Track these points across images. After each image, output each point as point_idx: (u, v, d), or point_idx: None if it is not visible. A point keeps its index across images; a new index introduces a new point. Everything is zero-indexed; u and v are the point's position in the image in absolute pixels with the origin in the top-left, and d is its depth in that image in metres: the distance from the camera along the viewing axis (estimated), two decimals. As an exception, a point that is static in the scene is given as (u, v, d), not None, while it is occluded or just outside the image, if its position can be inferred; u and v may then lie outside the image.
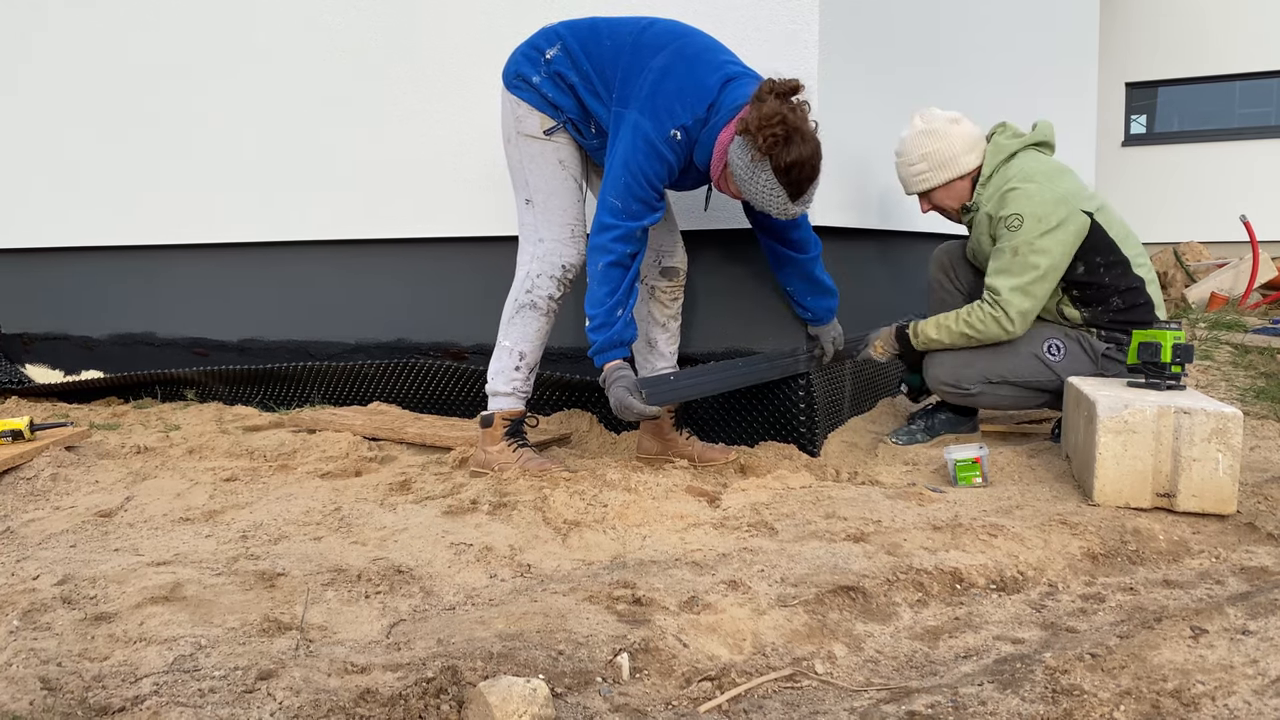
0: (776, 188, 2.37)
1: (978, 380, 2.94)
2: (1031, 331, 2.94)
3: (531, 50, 2.62)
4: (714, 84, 2.44)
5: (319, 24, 3.72)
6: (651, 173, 2.45)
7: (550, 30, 2.63)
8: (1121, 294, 2.88)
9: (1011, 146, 2.92)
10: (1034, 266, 2.78)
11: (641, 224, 2.49)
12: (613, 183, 2.46)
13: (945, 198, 3.02)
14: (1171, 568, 2.05)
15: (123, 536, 2.29)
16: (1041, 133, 2.97)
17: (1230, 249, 8.68)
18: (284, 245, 3.94)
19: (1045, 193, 2.79)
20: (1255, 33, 10.07)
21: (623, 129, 2.47)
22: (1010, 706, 1.38)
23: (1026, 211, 2.78)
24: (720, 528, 2.27)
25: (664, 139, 2.43)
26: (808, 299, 2.88)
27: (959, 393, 2.98)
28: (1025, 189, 2.81)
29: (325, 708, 1.36)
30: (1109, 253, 2.86)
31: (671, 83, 2.43)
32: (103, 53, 4.23)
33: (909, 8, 3.62)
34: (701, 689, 1.50)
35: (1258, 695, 1.43)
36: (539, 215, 2.67)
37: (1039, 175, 2.84)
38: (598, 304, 2.49)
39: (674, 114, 2.43)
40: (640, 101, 2.44)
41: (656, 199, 2.50)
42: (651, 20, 2.58)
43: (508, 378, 2.72)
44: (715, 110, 2.44)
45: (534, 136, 2.62)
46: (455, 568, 2.01)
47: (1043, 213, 2.77)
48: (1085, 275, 2.87)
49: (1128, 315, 2.89)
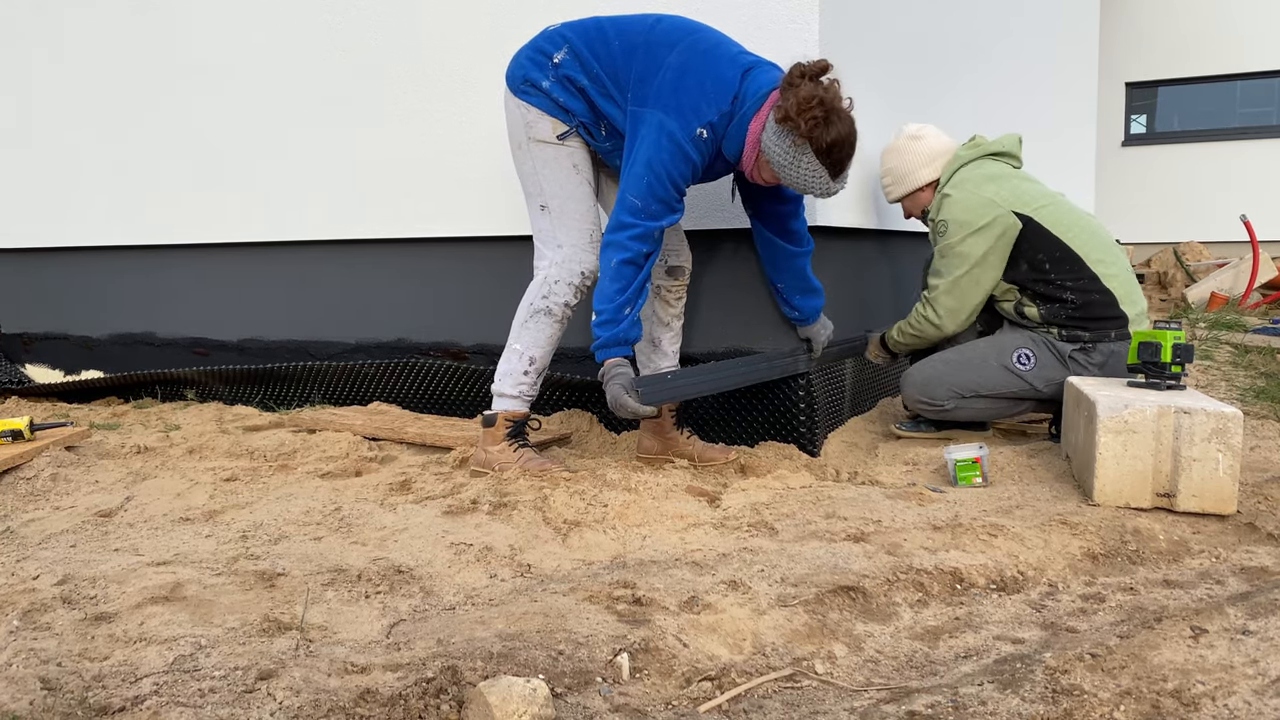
0: (819, 169, 2.39)
1: (948, 396, 3.03)
2: (1000, 343, 3.05)
3: (537, 54, 2.59)
4: (734, 76, 2.43)
5: (319, 23, 3.72)
6: (676, 172, 2.43)
7: (554, 32, 2.60)
8: (1074, 290, 2.94)
9: (966, 157, 3.08)
10: (957, 267, 2.97)
11: (660, 224, 2.47)
12: (634, 182, 2.44)
13: (912, 207, 3.25)
14: (1171, 568, 2.05)
15: (123, 536, 2.29)
16: (1001, 143, 3.11)
17: (1230, 249, 8.68)
18: (284, 245, 3.94)
19: (970, 198, 2.96)
20: (1255, 33, 10.07)
21: (644, 128, 2.44)
22: (1010, 706, 1.38)
23: (951, 217, 2.97)
24: (720, 528, 2.27)
25: (690, 138, 2.41)
26: (796, 297, 2.87)
27: (933, 408, 3.07)
28: (953, 195, 2.99)
29: (325, 708, 1.36)
30: (1053, 249, 2.94)
31: (693, 79, 2.42)
32: (103, 52, 4.23)
33: (909, 8, 3.62)
34: (701, 689, 1.50)
35: (1258, 695, 1.43)
36: (556, 221, 2.64)
37: (969, 182, 3.00)
38: (607, 300, 2.48)
39: (699, 111, 2.41)
40: (663, 100, 2.42)
41: (677, 199, 2.49)
42: (659, 17, 2.56)
43: (515, 381, 2.71)
44: (740, 102, 2.43)
45: (546, 142, 2.59)
46: (455, 568, 2.01)
47: (966, 217, 2.94)
48: (1031, 273, 2.98)
49: (1085, 312, 2.95)
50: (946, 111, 3.93)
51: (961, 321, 3.04)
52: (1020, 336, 3.04)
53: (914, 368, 3.13)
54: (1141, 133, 10.88)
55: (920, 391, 3.07)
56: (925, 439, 3.18)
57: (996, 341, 3.08)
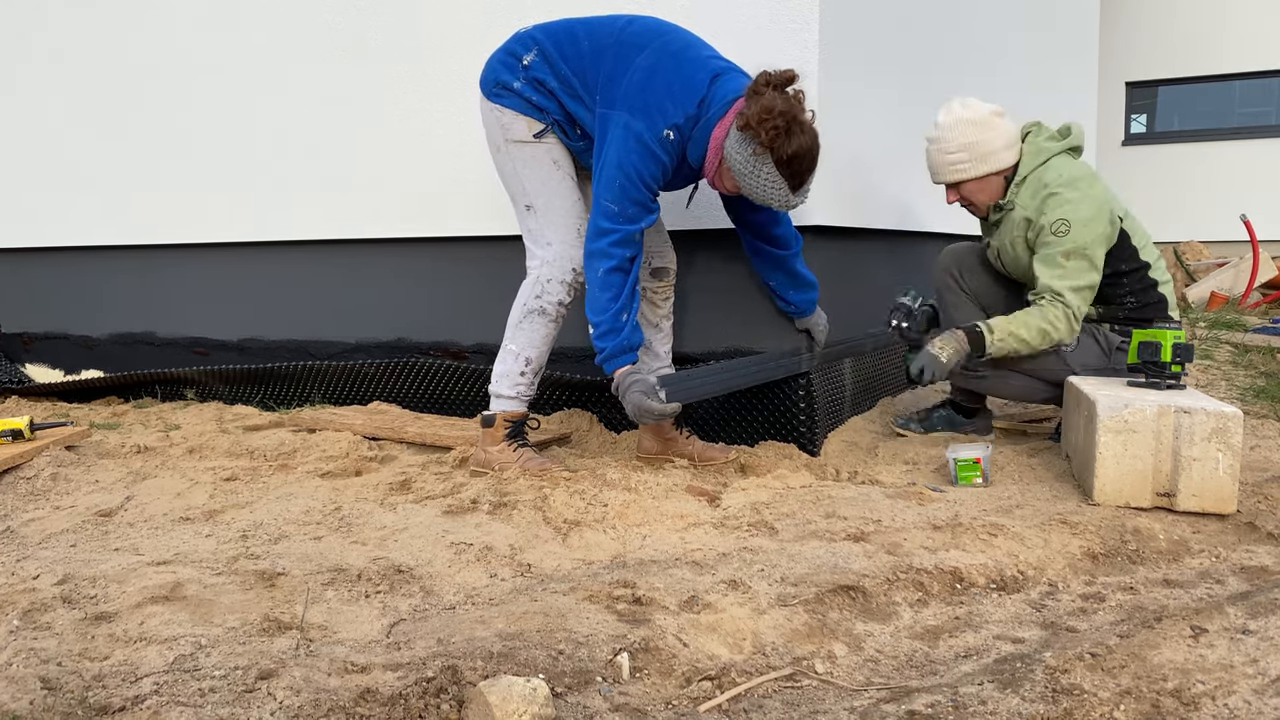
0: (779, 180, 2.37)
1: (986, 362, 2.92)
2: None
3: (508, 56, 2.60)
4: (703, 80, 2.43)
5: (319, 23, 3.72)
6: (646, 173, 2.43)
7: (526, 35, 2.60)
8: (1137, 294, 2.93)
9: (1050, 150, 2.90)
10: (1085, 274, 2.80)
11: (638, 226, 2.48)
12: (607, 185, 2.44)
13: (978, 192, 2.94)
14: (1171, 567, 2.05)
15: (123, 536, 2.29)
16: (1076, 138, 2.96)
17: (1230, 248, 8.68)
18: (284, 245, 3.94)
19: (1092, 200, 2.81)
20: (1255, 32, 10.07)
21: (613, 130, 2.44)
22: (1010, 706, 1.38)
23: (1073, 217, 2.78)
24: (720, 527, 2.27)
25: (657, 139, 2.41)
26: (789, 293, 2.87)
27: (966, 372, 2.97)
28: (1069, 195, 2.80)
29: (325, 707, 1.36)
30: (1131, 259, 2.91)
31: (660, 81, 2.42)
32: (103, 52, 4.22)
33: (909, 8, 3.62)
34: (701, 688, 1.50)
35: (1258, 695, 1.43)
36: (543, 219, 2.65)
37: (1080, 182, 2.83)
38: (601, 310, 2.48)
39: (666, 113, 2.41)
40: (630, 102, 2.42)
41: (651, 200, 2.49)
42: (631, 18, 2.56)
43: (512, 381, 2.71)
44: (707, 106, 2.42)
45: (524, 141, 2.60)
46: (455, 567, 2.01)
47: (1088, 218, 2.78)
48: (1108, 278, 2.90)
49: (1141, 313, 2.93)
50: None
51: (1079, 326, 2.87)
52: None
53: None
54: (1141, 132, 10.88)
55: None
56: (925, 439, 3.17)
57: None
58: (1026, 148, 2.93)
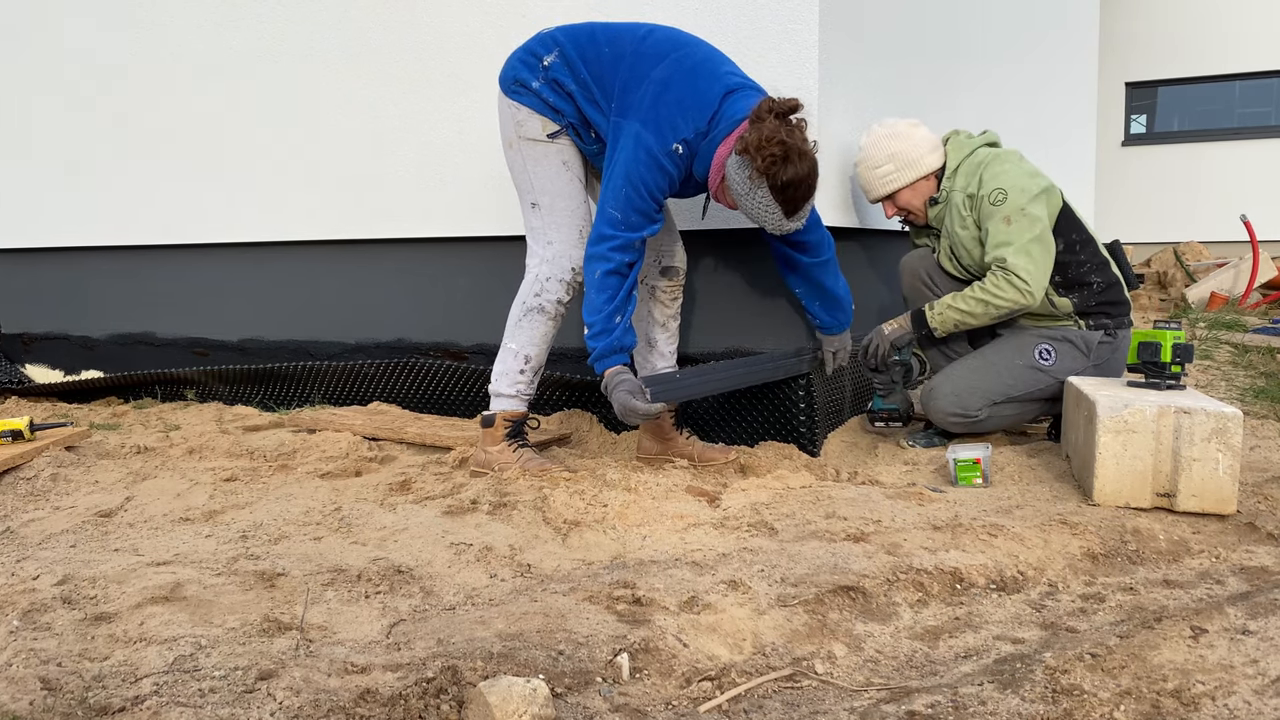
0: (773, 205, 2.41)
1: (983, 404, 2.95)
2: (1015, 343, 2.99)
3: (529, 56, 2.61)
4: (715, 96, 2.45)
5: (318, 23, 3.72)
6: (653, 185, 2.46)
7: (548, 35, 2.62)
8: (1097, 272, 2.96)
9: (974, 143, 3.04)
10: (1029, 228, 2.85)
11: (640, 235, 2.49)
12: (613, 194, 2.47)
13: (913, 198, 3.05)
14: (1171, 568, 2.05)
15: (123, 536, 2.29)
16: (992, 136, 3.10)
17: (1230, 249, 8.68)
18: (284, 245, 3.94)
19: (1020, 167, 2.93)
20: (1255, 32, 10.07)
21: (623, 140, 2.46)
22: (1010, 706, 1.38)
23: (1008, 184, 2.88)
24: (720, 528, 2.27)
25: (666, 152, 2.44)
26: (815, 305, 2.87)
27: (965, 421, 2.98)
28: (1000, 167, 2.92)
29: (325, 708, 1.36)
30: (1080, 229, 2.96)
31: (673, 95, 2.44)
32: (102, 53, 4.23)
33: (909, 8, 3.62)
34: (701, 689, 1.50)
35: (1258, 695, 1.43)
36: (546, 218, 2.66)
37: (1009, 156, 2.97)
38: (595, 311, 2.50)
39: (676, 127, 2.43)
40: (642, 113, 2.44)
41: (656, 210, 2.51)
42: (651, 28, 2.57)
43: (512, 380, 2.71)
44: (716, 123, 2.45)
45: (536, 140, 2.61)
46: (455, 568, 2.01)
47: (1024, 183, 2.88)
48: (1065, 253, 2.94)
49: (1106, 295, 2.98)
50: (946, 111, 3.92)
51: (1042, 287, 2.85)
52: (1032, 334, 2.98)
53: (938, 381, 3.00)
54: (1141, 132, 10.89)
55: (954, 404, 2.94)
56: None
57: (1010, 343, 3.00)
58: (950, 147, 3.05)
